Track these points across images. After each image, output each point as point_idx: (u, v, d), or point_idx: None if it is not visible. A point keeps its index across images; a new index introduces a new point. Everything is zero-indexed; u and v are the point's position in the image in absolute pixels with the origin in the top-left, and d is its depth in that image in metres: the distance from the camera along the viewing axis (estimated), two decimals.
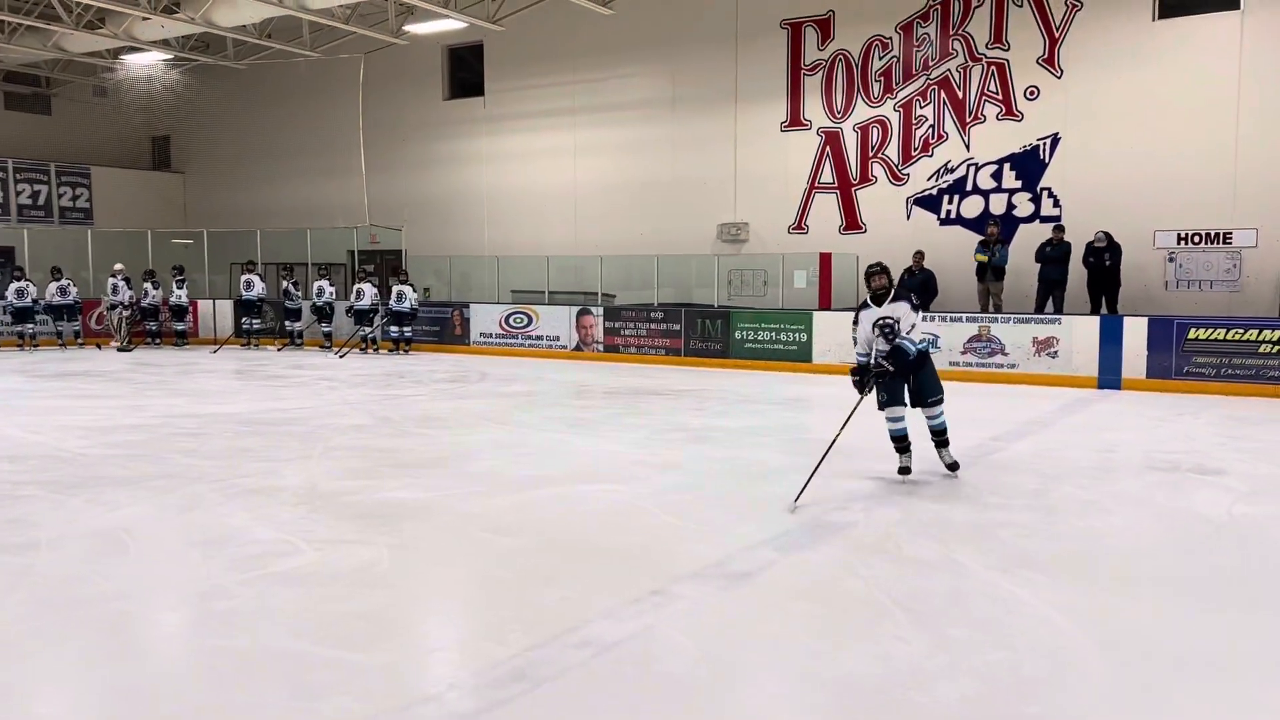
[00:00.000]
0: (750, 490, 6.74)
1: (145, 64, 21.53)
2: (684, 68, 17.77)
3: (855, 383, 6.96)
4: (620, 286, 17.72)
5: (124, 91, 23.75)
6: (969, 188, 15.37)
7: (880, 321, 6.70)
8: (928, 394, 6.82)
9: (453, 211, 20.74)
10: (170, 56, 20.72)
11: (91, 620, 4.24)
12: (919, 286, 14.35)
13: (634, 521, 5.91)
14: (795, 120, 16.69)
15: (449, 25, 17.90)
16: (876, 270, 6.83)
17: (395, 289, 17.64)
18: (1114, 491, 6.85)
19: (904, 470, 6.90)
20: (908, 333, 6.64)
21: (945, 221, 15.56)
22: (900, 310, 6.73)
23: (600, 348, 16.53)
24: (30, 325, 18.32)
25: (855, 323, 6.91)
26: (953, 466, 6.97)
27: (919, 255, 14.58)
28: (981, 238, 14.49)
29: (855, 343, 6.95)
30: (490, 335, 17.73)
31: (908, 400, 6.82)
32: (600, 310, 16.67)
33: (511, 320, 17.51)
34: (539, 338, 17.22)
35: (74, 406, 11.01)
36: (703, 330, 15.48)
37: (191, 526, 5.73)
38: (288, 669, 3.64)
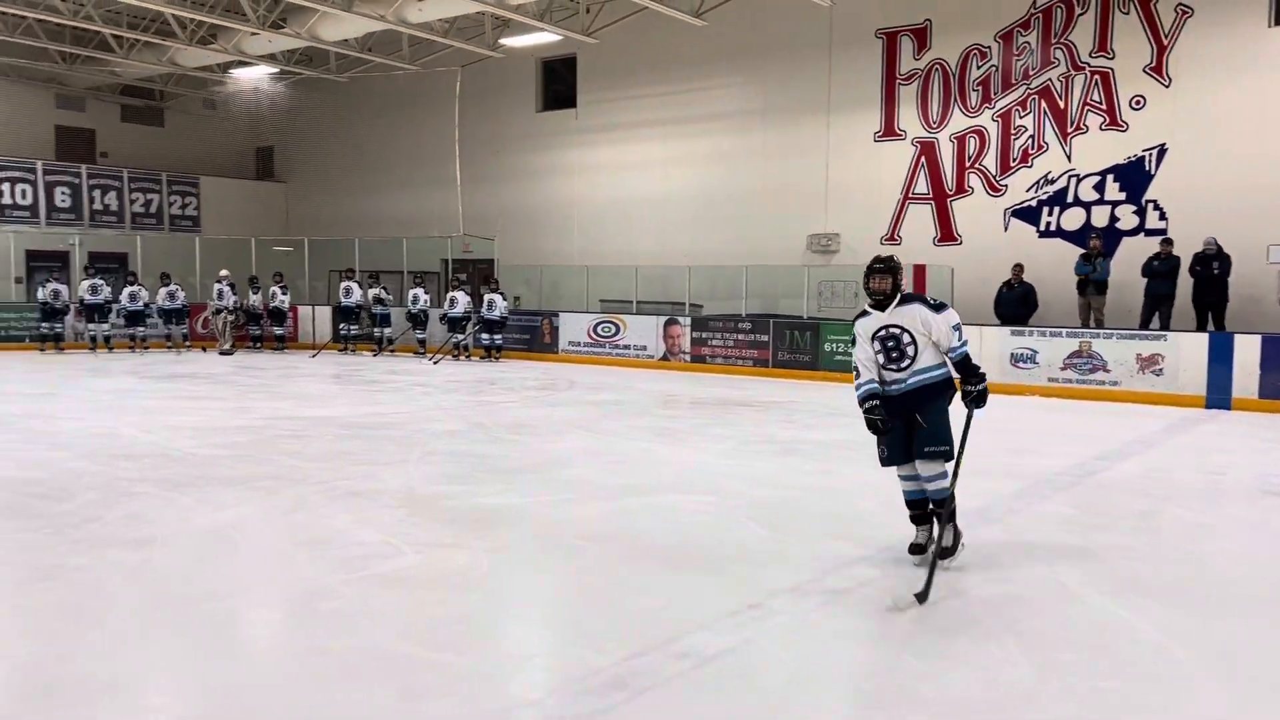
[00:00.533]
0: (844, 505, 6.65)
1: (252, 77, 22.35)
2: (776, 78, 17.71)
3: (873, 421, 4.99)
4: (707, 297, 17.72)
5: (232, 104, 24.70)
6: (1070, 199, 14.97)
7: (882, 333, 4.98)
8: (929, 441, 4.92)
9: (544, 221, 21.01)
10: (276, 70, 21.47)
11: (204, 616, 4.39)
12: (1018, 300, 14.04)
13: (727, 534, 5.89)
14: (889, 130, 16.49)
15: (544, 38, 18.17)
16: (879, 267, 5.00)
17: (486, 297, 17.93)
18: (1226, 515, 6.59)
19: (916, 549, 5.10)
20: (958, 340, 4.93)
21: (1045, 234, 15.18)
22: (910, 316, 4.93)
23: (687, 358, 16.54)
24: (141, 328, 19.12)
25: (853, 341, 5.14)
26: (945, 553, 4.89)
27: (1018, 268, 14.25)
28: (1083, 251, 14.09)
29: (857, 373, 5.07)
30: (578, 344, 17.89)
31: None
32: (688, 320, 16.69)
33: (599, 329, 17.64)
34: (626, 347, 17.30)
35: (182, 407, 11.44)
36: (791, 341, 15.37)
37: (297, 527, 5.90)
38: (394, 670, 3.72)
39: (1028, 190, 15.32)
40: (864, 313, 5.09)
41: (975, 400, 4.97)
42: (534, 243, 20.81)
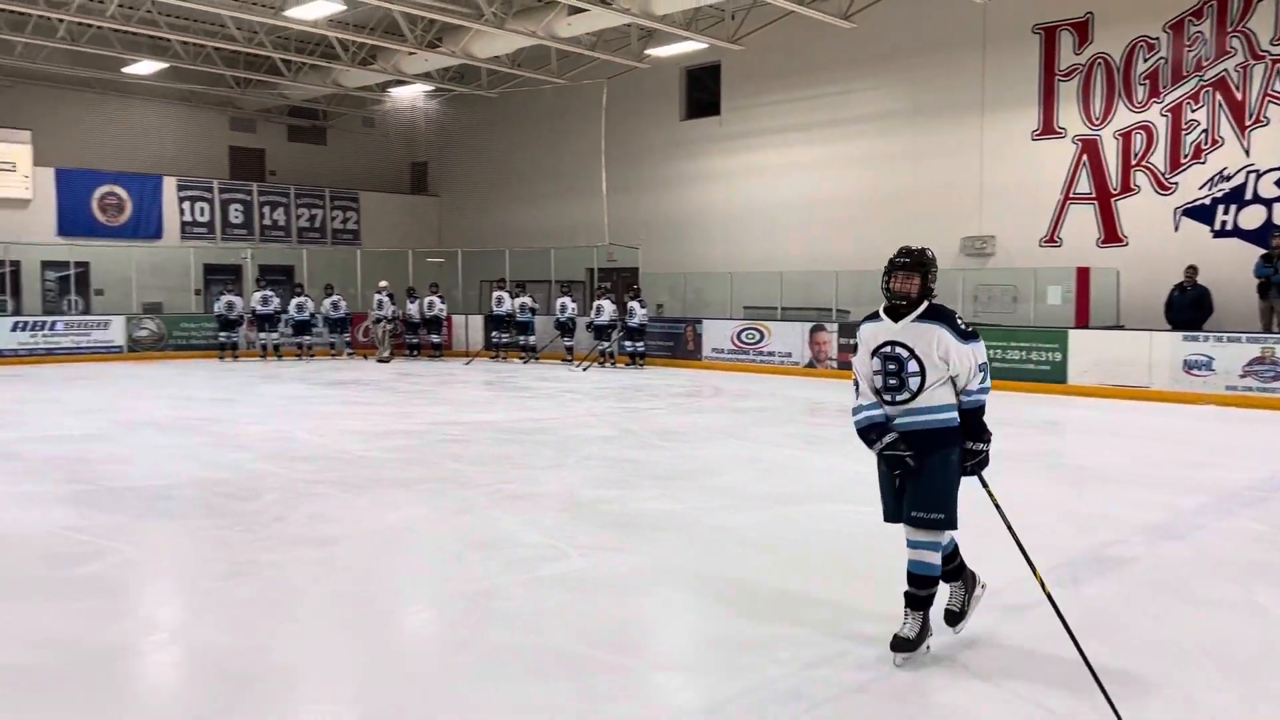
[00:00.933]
0: (1014, 519, 6.40)
1: (408, 95, 23.30)
2: (926, 78, 17.29)
3: (899, 457, 3.87)
4: (855, 302, 17.41)
5: (389, 121, 25.79)
6: (1248, 196, 14.05)
7: (886, 349, 3.87)
8: (917, 504, 3.86)
9: (687, 228, 21.10)
10: (431, 88, 22.32)
11: (387, 613, 4.61)
12: (1191, 303, 13.29)
13: (890, 545, 5.70)
14: (1048, 128, 15.85)
15: (688, 47, 18.29)
16: (904, 262, 3.90)
17: (628, 305, 18.16)
18: None
19: (901, 645, 3.84)
20: (979, 384, 3.84)
21: (1220, 234, 14.29)
22: (926, 337, 3.80)
23: (834, 365, 16.30)
24: (308, 337, 20.16)
25: (855, 348, 4.09)
26: (903, 644, 3.84)
27: (1191, 270, 13.48)
28: (1264, 251, 13.20)
29: (857, 389, 4.07)
30: (722, 351, 17.88)
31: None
32: (835, 327, 16.46)
33: (743, 336, 17.58)
34: (771, 354, 17.19)
35: (349, 412, 11.99)
36: None
37: (466, 528, 6.10)
38: (572, 671, 3.80)
39: (1200, 188, 14.46)
40: (874, 315, 3.98)
41: (978, 465, 3.91)
42: (678, 250, 20.93)
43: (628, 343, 18.22)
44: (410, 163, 27.56)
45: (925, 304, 3.89)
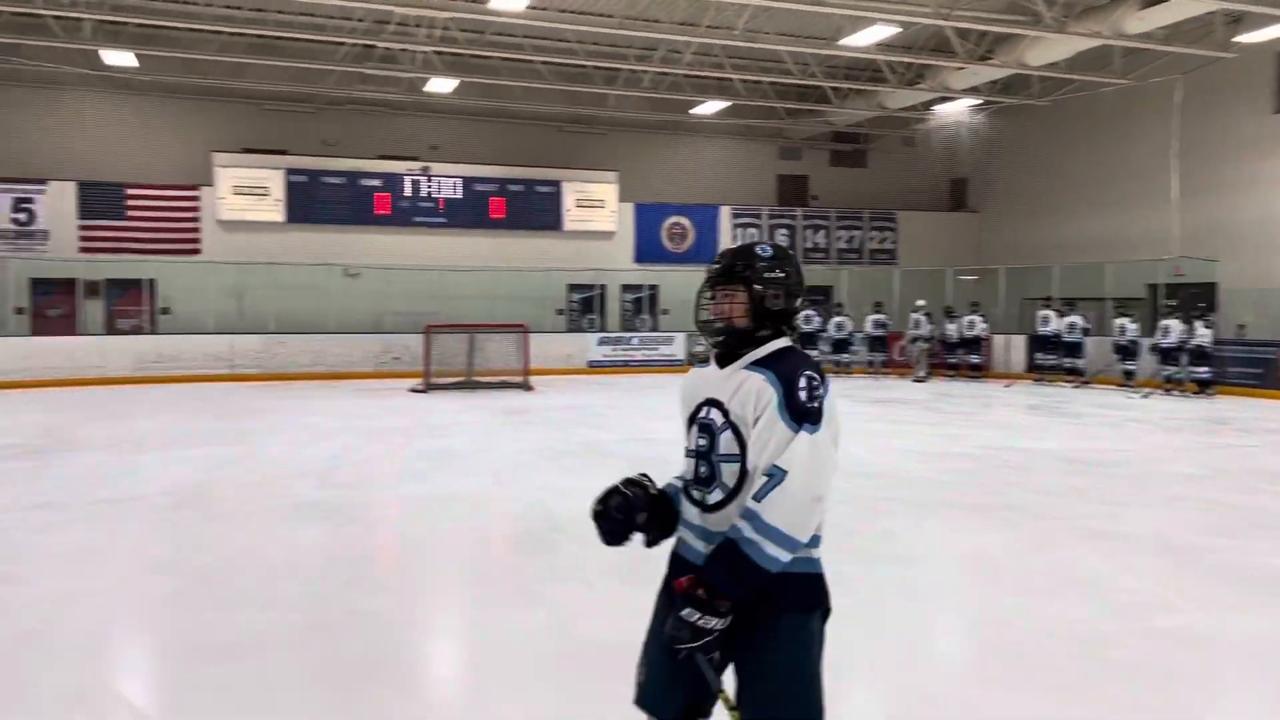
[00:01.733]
0: None
1: (952, 111, 22.90)
2: None
3: (597, 515, 2.56)
4: None
5: (929, 140, 25.61)
6: None
7: (702, 415, 2.45)
8: (762, 705, 2.29)
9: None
10: (979, 101, 21.71)
11: (985, 643, 4.49)
12: None
13: None
14: None
15: None
16: (718, 269, 2.47)
17: (1194, 325, 16.11)
18: None
19: None
20: (768, 489, 2.27)
21: None
22: (745, 391, 2.35)
23: None
24: (846, 355, 20.70)
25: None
26: None
27: None
28: None
29: None
30: None
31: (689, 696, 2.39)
32: None
33: None
34: None
35: (896, 430, 12.03)
36: None
37: (1052, 564, 5.74)
38: None
39: None
40: (697, 357, 2.30)
41: (706, 647, 2.24)
42: (1267, 262, 18.07)
43: (1193, 368, 16.14)
44: (949, 180, 27.13)
45: (779, 343, 2.42)
